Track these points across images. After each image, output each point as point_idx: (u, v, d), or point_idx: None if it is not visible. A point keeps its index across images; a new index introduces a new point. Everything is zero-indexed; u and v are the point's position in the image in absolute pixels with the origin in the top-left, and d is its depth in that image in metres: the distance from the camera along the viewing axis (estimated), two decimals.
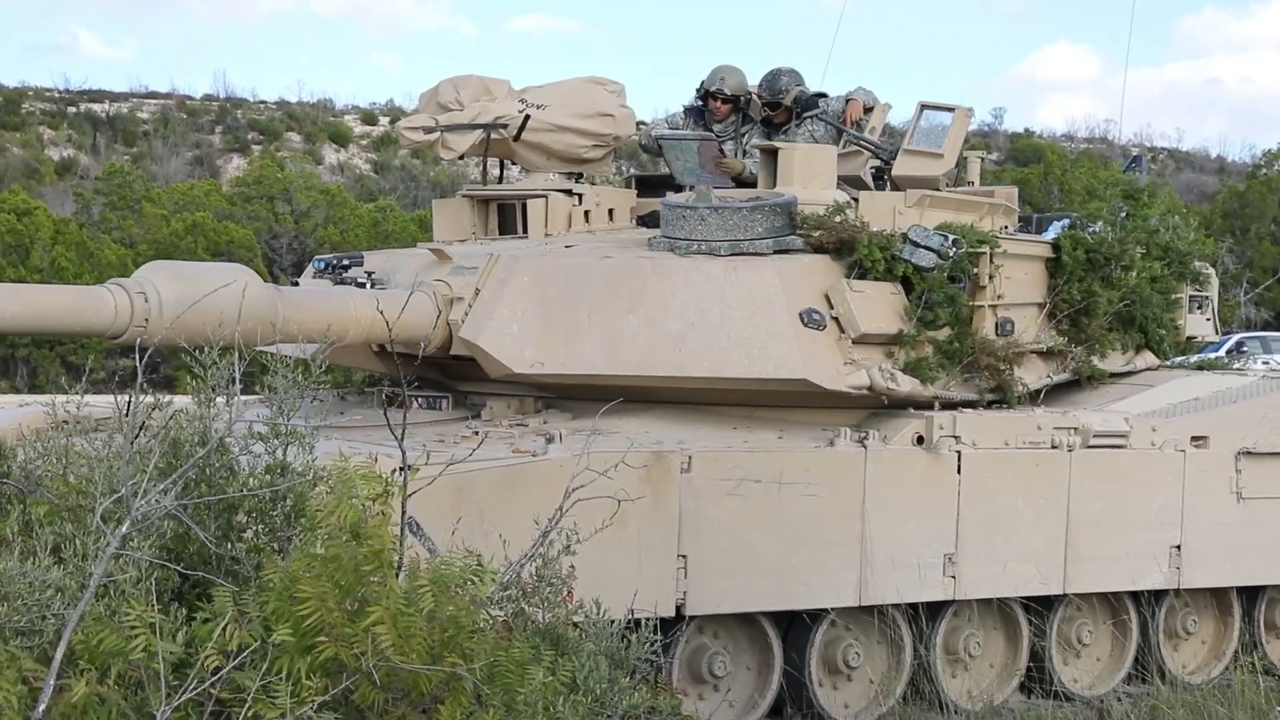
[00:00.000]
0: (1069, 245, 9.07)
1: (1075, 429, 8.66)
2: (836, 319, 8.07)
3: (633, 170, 11.46)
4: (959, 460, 8.25)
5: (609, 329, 7.95)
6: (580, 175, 9.54)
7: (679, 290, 7.99)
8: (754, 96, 9.77)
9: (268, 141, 56.72)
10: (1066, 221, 9.62)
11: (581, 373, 7.98)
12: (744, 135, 9.66)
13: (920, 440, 8.22)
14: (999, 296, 8.68)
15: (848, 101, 9.67)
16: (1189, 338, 10.53)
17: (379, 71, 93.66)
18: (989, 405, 8.66)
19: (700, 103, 9.89)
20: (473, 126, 9.42)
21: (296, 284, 9.37)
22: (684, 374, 7.92)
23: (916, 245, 8.17)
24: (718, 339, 7.90)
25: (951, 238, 8.29)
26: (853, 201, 8.65)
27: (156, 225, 30.42)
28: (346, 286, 8.35)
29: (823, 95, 9.62)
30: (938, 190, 8.96)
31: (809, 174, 8.59)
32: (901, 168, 9.04)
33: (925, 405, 8.34)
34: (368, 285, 8.38)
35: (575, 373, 7.99)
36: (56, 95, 58.89)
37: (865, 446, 8.05)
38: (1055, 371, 9.14)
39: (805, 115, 9.55)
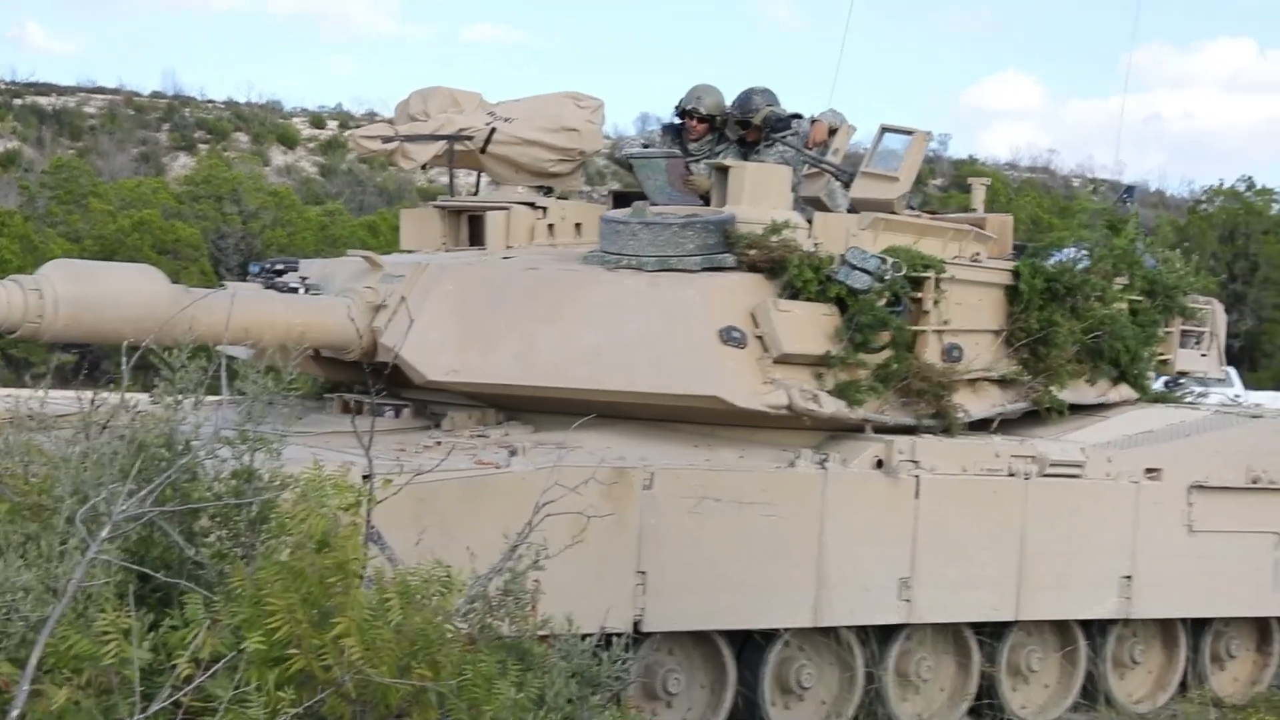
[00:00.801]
0: (1027, 273, 9.03)
1: (1032, 457, 8.71)
2: (760, 338, 8.03)
3: (615, 186, 11.44)
4: (917, 485, 8.28)
5: (526, 339, 8.00)
6: (549, 189, 9.52)
7: (598, 304, 8.01)
8: (729, 116, 9.78)
9: (215, 141, 56.35)
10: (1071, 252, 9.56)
11: (496, 382, 8.02)
12: (718, 154, 9.66)
13: (880, 464, 8.24)
14: (944, 322, 8.66)
15: (813, 123, 9.69)
16: (1181, 373, 10.56)
17: (331, 74, 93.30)
18: (932, 431, 8.60)
19: (678, 121, 9.90)
20: (433, 137, 9.46)
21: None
22: (597, 386, 7.91)
23: (853, 267, 8.11)
24: (633, 353, 7.90)
25: (891, 261, 8.24)
26: (804, 222, 8.64)
27: (103, 221, 30.15)
28: (265, 291, 8.44)
29: (797, 116, 9.63)
30: (894, 213, 8.93)
31: (759, 193, 8.53)
32: (859, 190, 9.01)
33: (855, 428, 8.33)
34: (300, 291, 8.47)
35: (489, 382, 8.04)
36: (2, 87, 58.32)
37: (825, 469, 8.07)
38: (1012, 400, 9.11)
39: (776, 136, 9.56)
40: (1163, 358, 10.30)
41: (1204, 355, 10.79)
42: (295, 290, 8.49)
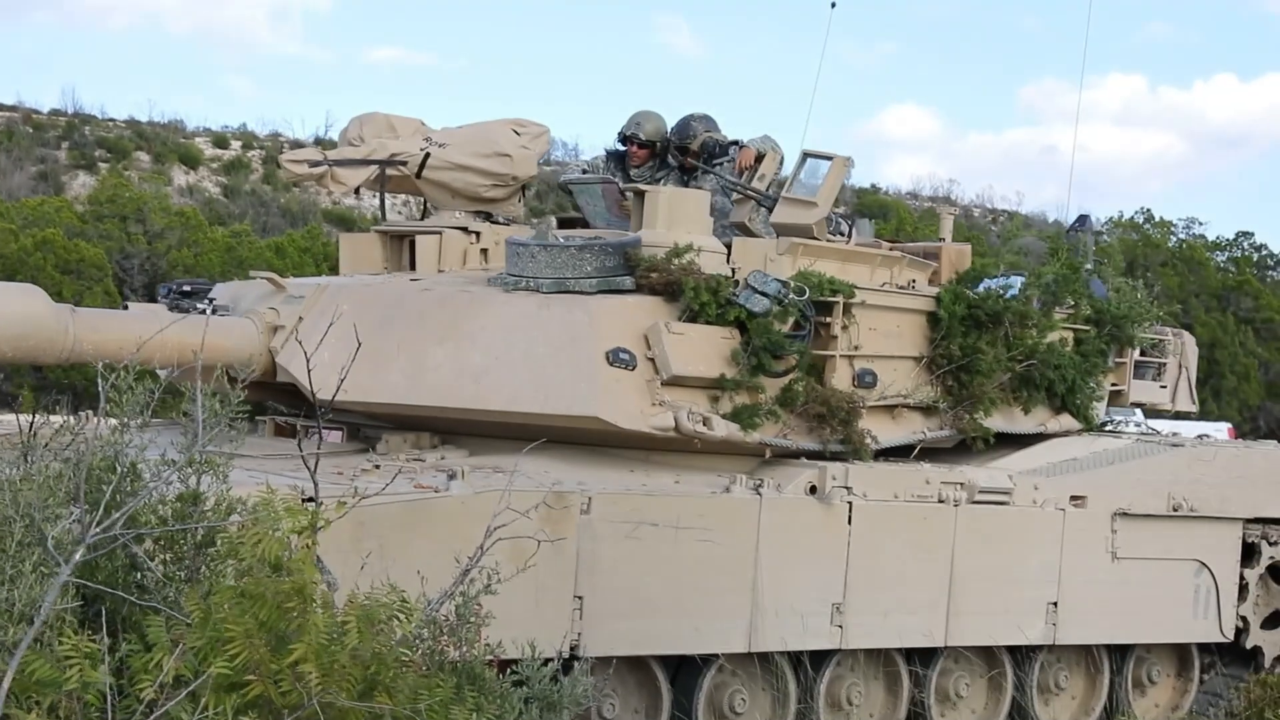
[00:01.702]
0: (947, 300, 9.05)
1: (961, 484, 8.79)
2: (653, 360, 8.02)
3: (558, 212, 11.48)
4: (850, 511, 8.33)
5: (415, 359, 8.03)
6: (489, 215, 9.49)
7: (489, 325, 8.03)
8: (669, 142, 9.81)
9: (116, 160, 55.58)
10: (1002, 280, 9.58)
11: (385, 401, 8.05)
12: (659, 180, 9.67)
13: (813, 490, 8.28)
14: (855, 347, 8.64)
15: (740, 149, 9.72)
16: (1135, 404, 10.61)
17: (230, 95, 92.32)
18: (840, 457, 8.53)
19: (621, 147, 9.92)
20: (364, 162, 9.48)
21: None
22: (482, 407, 7.92)
23: (754, 290, 8.11)
24: (518, 374, 7.91)
25: (794, 285, 8.24)
26: (721, 247, 8.67)
27: (4, 240, 29.63)
28: (154, 308, 8.54)
29: (735, 143, 9.68)
30: (814, 238, 8.91)
31: (674, 217, 8.53)
32: (779, 215, 9.00)
33: (754, 453, 8.32)
34: (206, 312, 8.47)
35: (379, 401, 8.07)
36: None
37: (760, 494, 8.09)
38: (936, 428, 9.14)
39: (716, 162, 9.61)
40: (1115, 388, 10.35)
41: (1163, 387, 10.83)
42: (201, 312, 8.45)
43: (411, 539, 6.81)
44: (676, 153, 9.76)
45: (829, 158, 9.04)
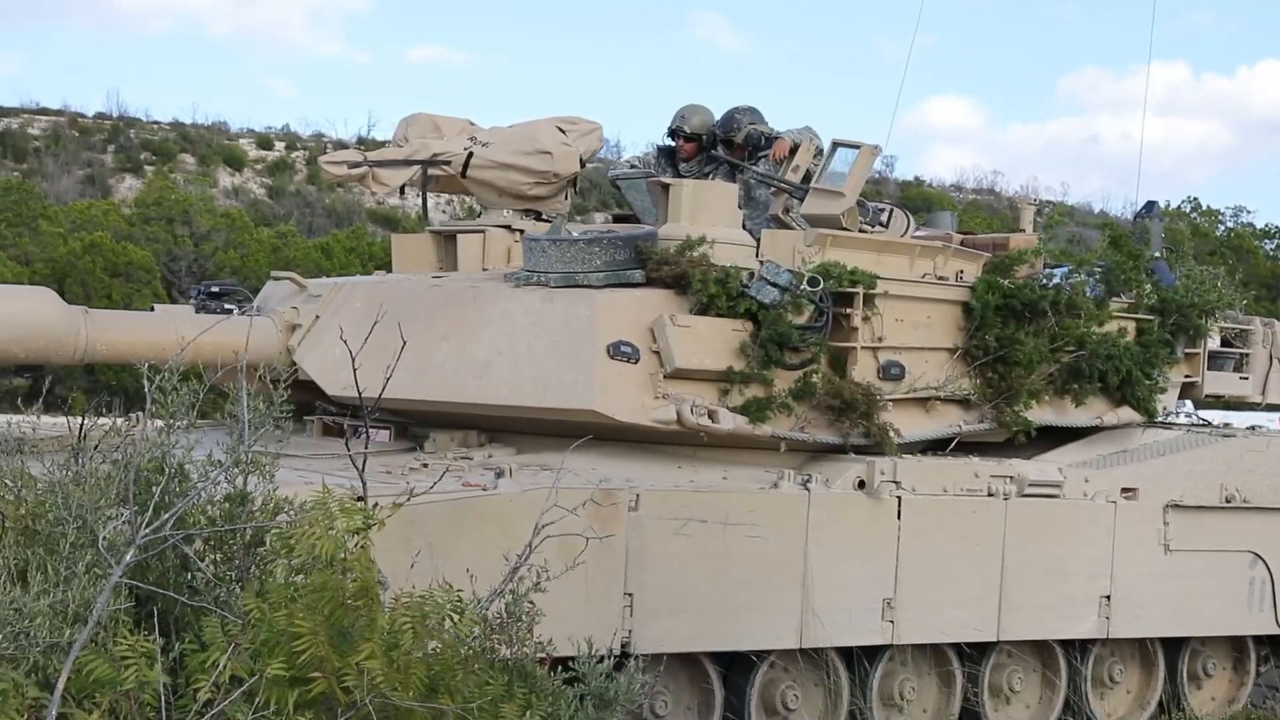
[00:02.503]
0: (981, 290, 8.86)
1: (1011, 478, 8.72)
2: (658, 353, 7.95)
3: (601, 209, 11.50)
4: (899, 505, 8.28)
5: (422, 354, 8.01)
6: (538, 213, 9.47)
7: (494, 320, 8.02)
8: (714, 135, 9.77)
9: (161, 162, 55.91)
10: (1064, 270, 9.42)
11: (391, 396, 8.02)
12: (708, 174, 9.64)
13: (862, 484, 8.24)
14: (879, 338, 8.49)
15: (776, 141, 9.62)
16: (1212, 396, 10.31)
17: (271, 97, 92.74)
18: (863, 451, 8.41)
19: (670, 142, 9.89)
20: (405, 163, 9.51)
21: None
22: (483, 401, 7.91)
23: (766, 282, 8.03)
24: (520, 368, 7.90)
25: (808, 276, 8.15)
26: (750, 240, 8.61)
27: (53, 244, 29.87)
28: (175, 310, 8.78)
29: (779, 137, 9.61)
30: (844, 229, 8.77)
31: (697, 210, 8.49)
32: (808, 206, 8.90)
33: (769, 446, 8.19)
34: (235, 312, 8.75)
35: (386, 396, 8.03)
36: None
37: (808, 489, 8.05)
38: (973, 421, 8.94)
39: (760, 154, 9.57)
40: (1188, 380, 10.11)
41: (1244, 378, 10.49)
42: (228, 312, 8.73)
43: (460, 537, 6.81)
44: (722, 146, 9.71)
45: (858, 147, 8.94)
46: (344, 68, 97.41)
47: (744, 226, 8.92)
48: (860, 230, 8.97)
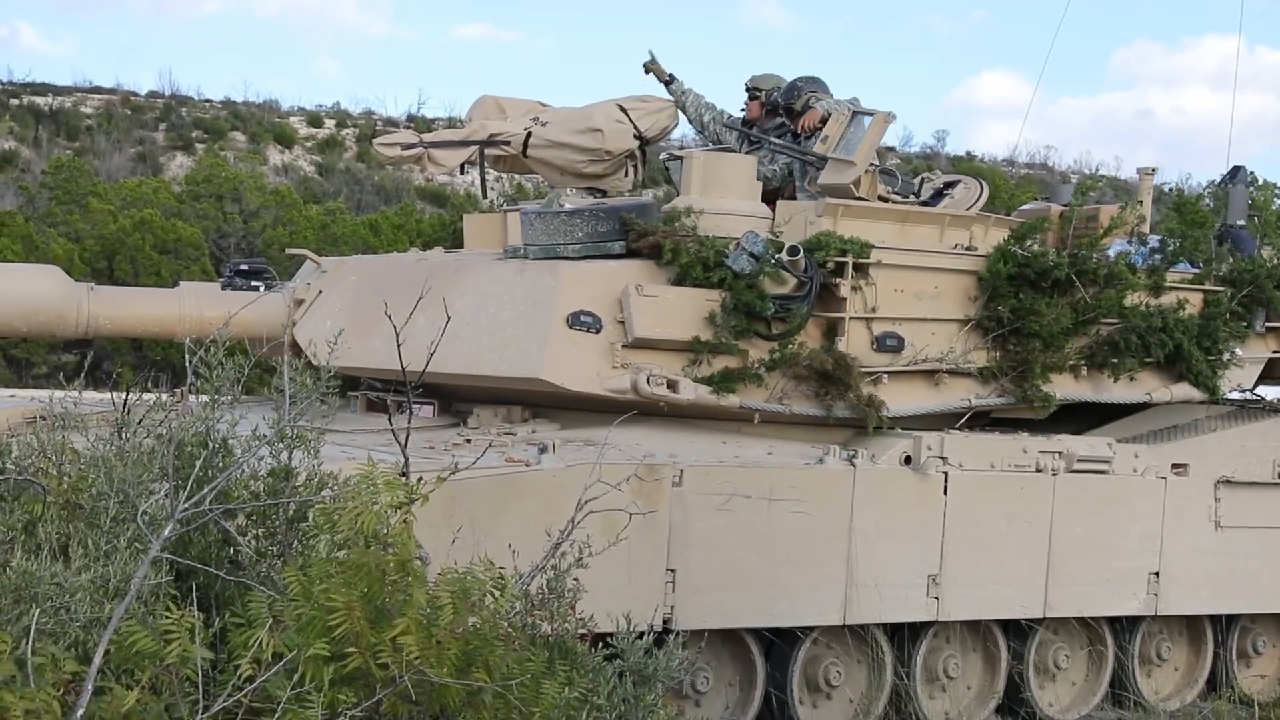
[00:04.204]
0: (995, 260, 8.60)
1: (1059, 453, 8.64)
2: (623, 323, 7.90)
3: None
4: (945, 481, 8.22)
5: (400, 326, 8.06)
6: (603, 191, 9.46)
7: (466, 291, 8.05)
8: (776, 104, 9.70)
9: (212, 140, 56.18)
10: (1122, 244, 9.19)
11: (366, 366, 8.23)
12: (767, 137, 9.51)
13: (908, 460, 8.18)
14: (872, 309, 8.33)
15: (808, 111, 9.51)
16: None
17: (321, 76, 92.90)
18: (850, 424, 8.31)
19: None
20: (461, 144, 9.59)
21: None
22: (446, 370, 7.81)
23: (744, 252, 7.91)
24: (481, 338, 7.92)
25: (788, 245, 7.99)
26: (767, 211, 8.57)
27: (103, 221, 30.03)
28: (185, 286, 9.10)
29: (812, 107, 9.52)
30: (854, 197, 8.64)
31: (708, 182, 8.48)
32: (824, 176, 8.82)
33: (741, 417, 8.10)
34: (261, 289, 9.23)
35: (364, 366, 8.23)
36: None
37: (854, 465, 8.01)
38: (990, 395, 8.70)
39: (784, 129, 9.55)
40: (1276, 355, 9.71)
41: None
42: (256, 289, 9.21)
43: (502, 513, 6.81)
44: (784, 114, 9.61)
45: (872, 114, 8.83)
46: (393, 47, 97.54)
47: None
48: (889, 200, 8.88)
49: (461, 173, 9.88)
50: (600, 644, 5.50)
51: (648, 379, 7.78)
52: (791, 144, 9.37)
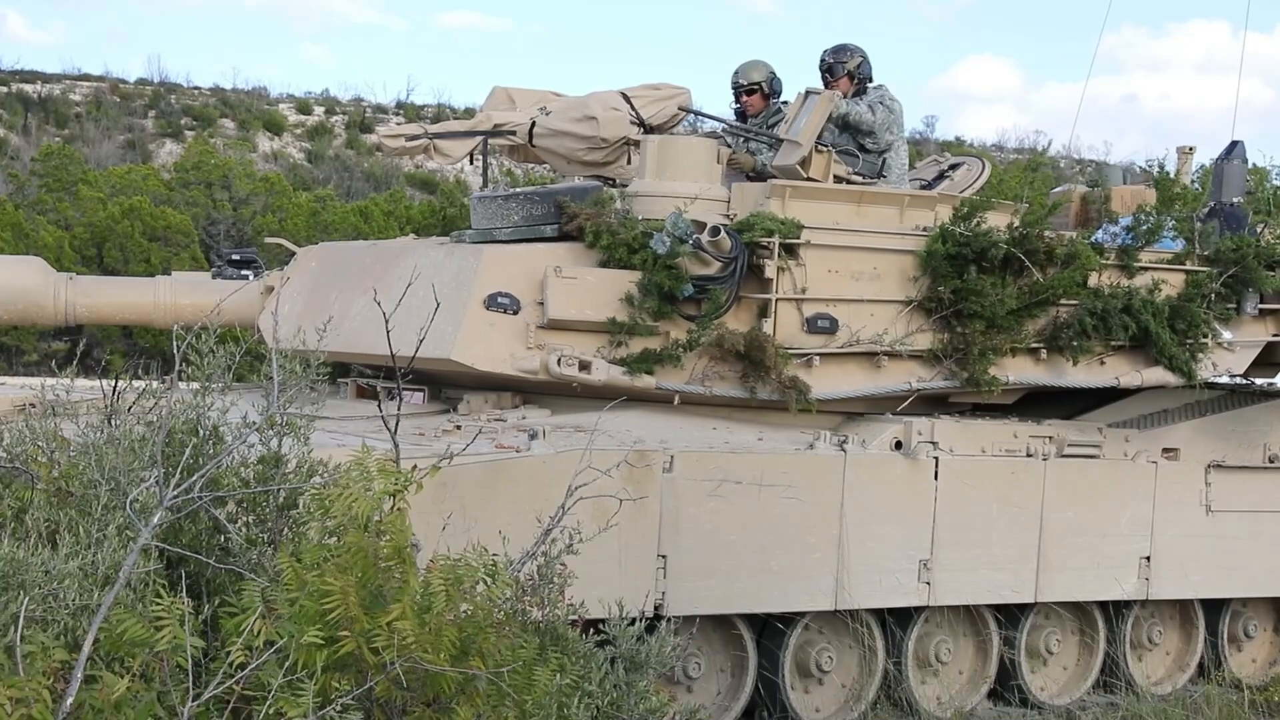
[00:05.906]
0: (933, 240, 8.34)
1: (1050, 438, 8.64)
2: (542, 304, 7.89)
3: None
4: (936, 466, 8.22)
5: (343, 309, 8.31)
6: (611, 179, 9.41)
7: (403, 275, 7.96)
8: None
9: (201, 127, 56.02)
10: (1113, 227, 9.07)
11: (309, 349, 8.19)
12: (773, 126, 9.41)
13: (899, 445, 8.18)
14: (802, 290, 8.16)
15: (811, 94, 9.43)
16: None
17: (309, 64, 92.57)
18: (775, 406, 8.20)
19: (737, 105, 9.75)
20: (465, 134, 9.64)
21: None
22: (371, 352, 7.94)
23: (669, 234, 7.85)
24: (404, 320, 7.85)
25: (710, 226, 7.90)
26: (724, 193, 8.45)
27: (93, 208, 29.91)
28: (159, 277, 9.46)
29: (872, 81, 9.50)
30: (800, 178, 8.45)
31: (663, 165, 8.41)
32: (778, 158, 8.67)
33: (660, 398, 8.02)
34: (250, 277, 9.51)
35: (314, 350, 8.19)
36: None
37: (844, 450, 8.01)
38: (934, 378, 8.48)
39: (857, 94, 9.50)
40: (1274, 339, 9.37)
41: None
42: (244, 278, 9.50)
43: (493, 499, 6.80)
44: (834, 69, 9.45)
45: (820, 93, 8.75)
46: (381, 35, 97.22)
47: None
48: (846, 181, 8.80)
49: (471, 163, 9.91)
50: (592, 630, 5.50)
51: (559, 360, 7.79)
52: (746, 127, 9.34)
